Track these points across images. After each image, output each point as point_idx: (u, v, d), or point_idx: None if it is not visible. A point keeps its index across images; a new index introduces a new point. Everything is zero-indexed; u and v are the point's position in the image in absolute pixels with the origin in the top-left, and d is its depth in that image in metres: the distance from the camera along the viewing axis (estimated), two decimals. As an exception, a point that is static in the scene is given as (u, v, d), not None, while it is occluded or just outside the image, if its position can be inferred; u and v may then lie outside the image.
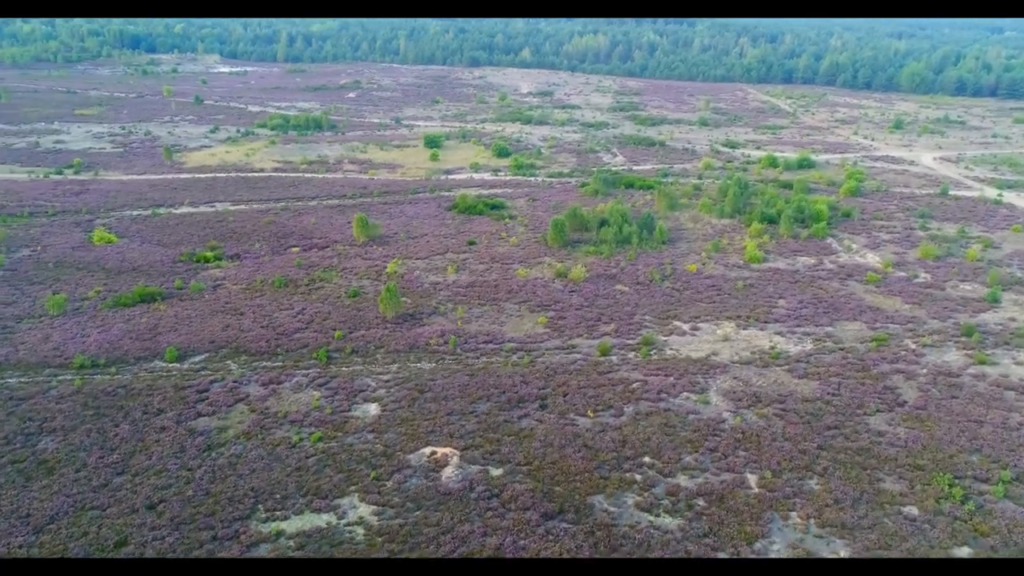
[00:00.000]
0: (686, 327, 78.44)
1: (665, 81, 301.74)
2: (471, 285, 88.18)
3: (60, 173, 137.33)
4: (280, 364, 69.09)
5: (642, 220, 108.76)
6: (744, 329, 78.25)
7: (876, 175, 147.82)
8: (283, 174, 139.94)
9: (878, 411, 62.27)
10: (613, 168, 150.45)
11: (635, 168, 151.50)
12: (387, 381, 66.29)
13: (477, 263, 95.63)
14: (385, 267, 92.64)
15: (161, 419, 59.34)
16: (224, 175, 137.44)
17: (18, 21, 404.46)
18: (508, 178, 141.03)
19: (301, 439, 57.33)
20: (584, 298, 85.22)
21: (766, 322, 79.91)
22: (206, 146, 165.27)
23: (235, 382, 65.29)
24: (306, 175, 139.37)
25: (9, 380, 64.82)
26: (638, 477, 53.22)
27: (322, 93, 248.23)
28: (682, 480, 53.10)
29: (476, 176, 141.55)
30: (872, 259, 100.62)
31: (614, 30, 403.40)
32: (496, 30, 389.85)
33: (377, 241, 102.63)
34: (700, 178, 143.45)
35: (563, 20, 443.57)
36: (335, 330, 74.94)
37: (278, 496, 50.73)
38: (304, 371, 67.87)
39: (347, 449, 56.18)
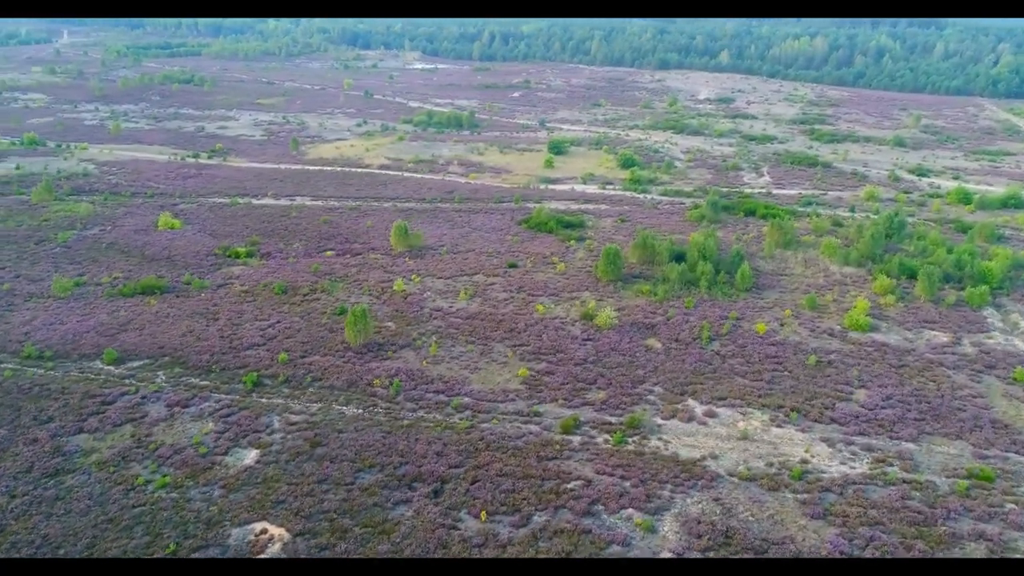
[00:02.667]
0: (699, 410, 59.57)
1: (879, 92, 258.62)
2: (474, 316, 75.73)
3: (196, 157, 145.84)
4: (206, 383, 62.60)
5: (728, 259, 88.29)
6: (778, 427, 57.57)
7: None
8: (385, 172, 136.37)
9: (906, 601, 40.61)
10: (747, 190, 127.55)
11: (776, 192, 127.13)
12: (294, 424, 56.86)
13: (501, 290, 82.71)
14: (396, 283, 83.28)
15: (42, 429, 55.31)
16: (329, 169, 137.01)
17: (270, 20, 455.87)
18: (615, 192, 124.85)
19: (148, 481, 49.93)
20: (597, 350, 69.08)
21: (818, 420, 58.33)
22: (342, 139, 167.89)
23: (143, 398, 59.82)
24: (404, 174, 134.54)
25: (-41, 362, 65.25)
26: (474, 630, 38.42)
27: (489, 92, 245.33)
28: (529, 651, 37.34)
29: (579, 188, 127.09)
30: (1041, 347, 71.85)
31: (839, 33, 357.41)
32: (697, 31, 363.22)
33: (414, 252, 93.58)
34: (852, 210, 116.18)
35: (782, 21, 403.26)
36: (286, 351, 67.12)
37: (62, 552, 43.48)
38: (222, 395, 60.69)
39: (179, 505, 47.64)
